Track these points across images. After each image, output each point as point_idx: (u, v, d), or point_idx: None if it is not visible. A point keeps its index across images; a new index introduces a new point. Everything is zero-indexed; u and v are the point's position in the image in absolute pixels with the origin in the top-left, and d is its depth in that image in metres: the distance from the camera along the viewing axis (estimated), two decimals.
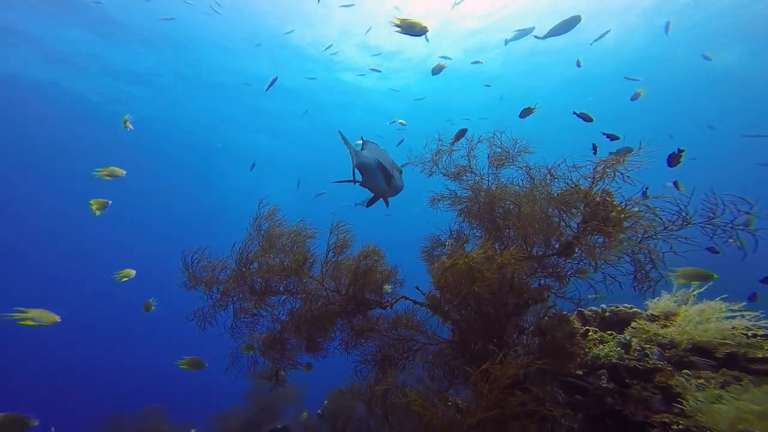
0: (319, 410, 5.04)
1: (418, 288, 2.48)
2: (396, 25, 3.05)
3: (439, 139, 2.65)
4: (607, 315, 2.47)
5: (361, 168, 2.61)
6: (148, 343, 22.05)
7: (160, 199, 24.58)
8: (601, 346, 2.21)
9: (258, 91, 14.38)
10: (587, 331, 2.39)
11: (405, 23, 3.04)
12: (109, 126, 15.17)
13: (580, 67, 5.49)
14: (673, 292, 2.19)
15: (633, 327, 2.17)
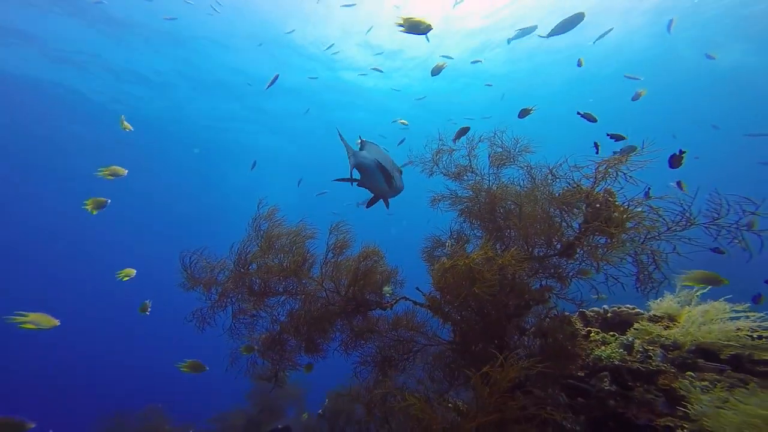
0: (320, 410, 5.02)
1: (419, 289, 2.46)
2: (400, 24, 3.02)
3: (439, 139, 2.63)
4: (609, 316, 2.45)
5: (360, 168, 2.59)
6: (148, 343, 22.06)
7: (161, 198, 24.58)
8: (604, 348, 2.18)
9: (259, 90, 14.35)
10: (589, 332, 2.37)
11: (409, 22, 3.01)
12: (110, 125, 15.15)
13: (582, 66, 5.46)
14: (676, 293, 2.17)
15: (636, 328, 2.14)
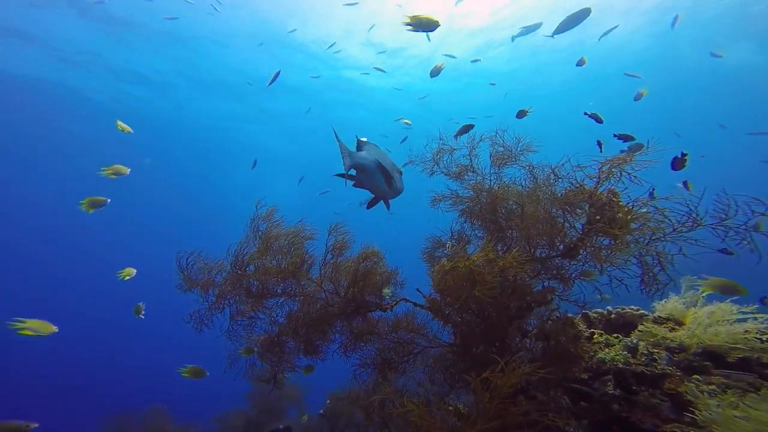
0: (321, 410, 5.00)
1: (419, 290, 2.42)
2: (407, 23, 2.98)
3: (440, 138, 2.59)
4: (613, 317, 2.41)
5: (359, 169, 2.55)
6: (148, 343, 22.05)
7: (161, 198, 24.57)
8: (607, 350, 2.15)
9: (260, 89, 14.30)
10: (592, 333, 2.33)
11: (416, 20, 2.97)
12: (111, 125, 15.04)
13: (585, 65, 5.38)
14: (682, 294, 2.13)
15: (640, 330, 2.11)
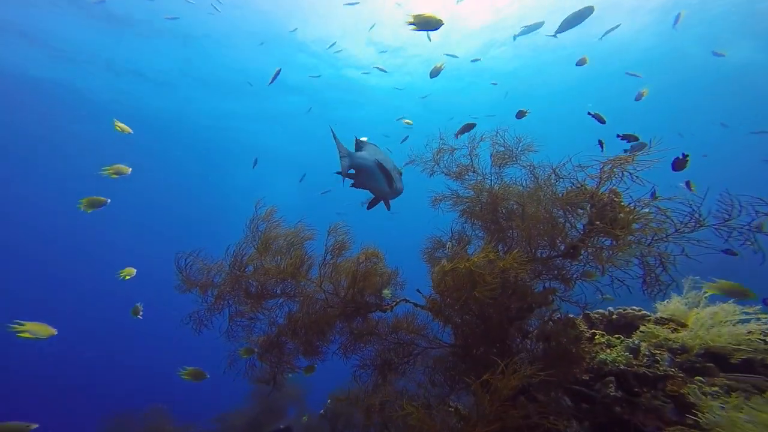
0: (321, 410, 5.00)
1: (419, 291, 2.41)
2: (411, 23, 2.96)
3: (440, 138, 2.57)
4: (615, 318, 2.40)
5: (359, 169, 2.53)
6: (148, 343, 22.03)
7: (162, 198, 24.53)
8: (609, 351, 2.13)
9: (261, 88, 14.25)
10: (594, 334, 2.32)
11: (420, 19, 2.95)
12: (111, 124, 14.98)
13: (582, 65, 5.35)
14: (684, 294, 2.12)
15: (642, 331, 2.09)
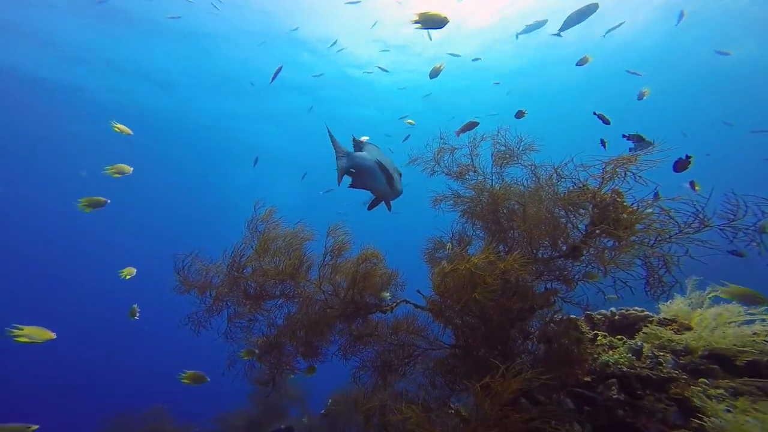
0: (322, 410, 4.99)
1: (420, 291, 2.39)
2: (415, 21, 2.94)
3: (441, 137, 2.55)
4: (617, 318, 2.38)
5: (359, 169, 2.50)
6: (148, 343, 22.03)
7: (162, 198, 24.49)
8: (611, 352, 2.11)
9: (262, 88, 14.19)
10: (596, 335, 2.30)
11: (424, 17, 2.92)
12: (111, 124, 14.90)
13: (582, 65, 5.29)
14: (687, 295, 2.10)
15: (645, 332, 2.07)
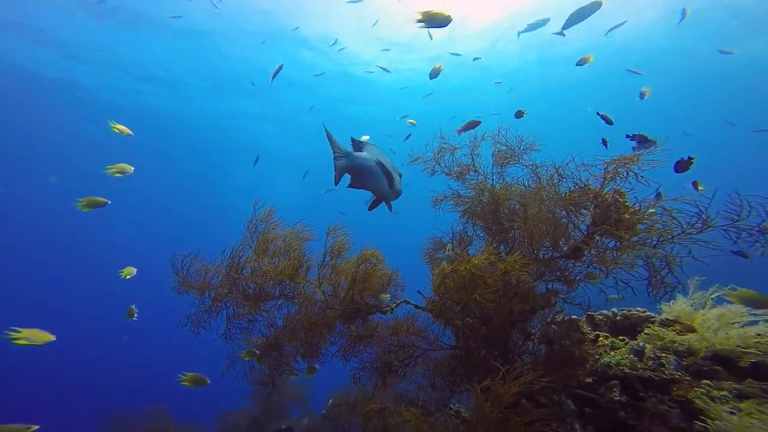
0: (323, 410, 4.98)
1: (420, 292, 2.37)
2: (419, 20, 2.92)
3: (441, 137, 2.53)
4: (619, 319, 2.36)
5: (358, 169, 2.48)
6: (148, 344, 22.03)
7: (162, 198, 24.45)
8: (613, 353, 2.10)
9: (263, 86, 14.15)
10: (597, 336, 2.29)
11: (427, 15, 2.91)
12: (110, 125, 14.84)
13: (590, 62, 5.23)
14: (690, 295, 2.08)
15: (647, 333, 2.06)
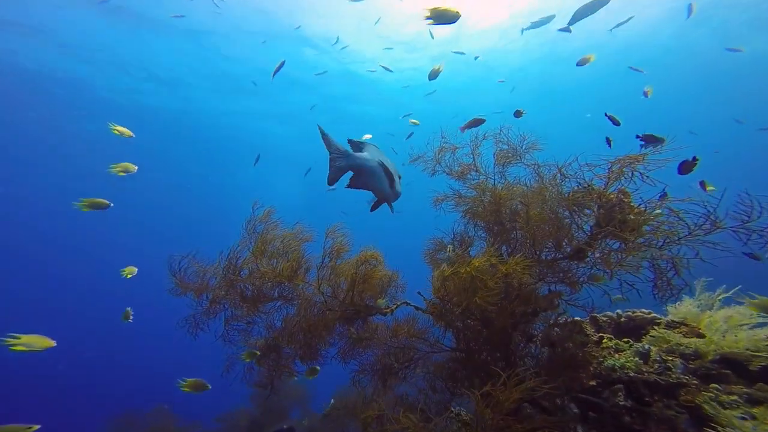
0: (324, 411, 4.96)
1: (420, 294, 2.34)
2: (427, 17, 2.90)
3: (442, 136, 2.49)
4: (623, 321, 2.32)
5: (359, 169, 2.45)
6: (148, 343, 22.03)
7: (163, 198, 24.40)
8: (617, 356, 2.06)
9: (266, 86, 14.11)
10: (601, 338, 2.25)
11: (436, 12, 2.89)
12: (112, 123, 14.79)
13: (590, 62, 5.18)
14: (696, 296, 2.04)
15: (652, 335, 2.01)
